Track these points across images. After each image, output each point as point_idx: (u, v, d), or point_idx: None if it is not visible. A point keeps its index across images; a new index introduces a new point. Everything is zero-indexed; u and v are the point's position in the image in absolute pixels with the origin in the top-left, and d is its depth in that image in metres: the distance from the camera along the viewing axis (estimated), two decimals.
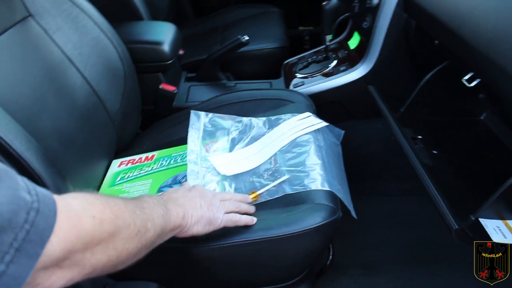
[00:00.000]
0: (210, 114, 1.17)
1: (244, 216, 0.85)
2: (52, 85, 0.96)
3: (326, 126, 1.12)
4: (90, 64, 1.08)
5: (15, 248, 0.40)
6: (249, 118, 1.15)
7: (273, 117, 1.14)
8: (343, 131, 1.18)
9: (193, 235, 0.76)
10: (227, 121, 1.15)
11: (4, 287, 0.39)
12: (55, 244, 0.44)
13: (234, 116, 1.17)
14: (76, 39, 1.06)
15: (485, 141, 1.20)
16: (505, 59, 0.80)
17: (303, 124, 1.09)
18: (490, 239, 0.89)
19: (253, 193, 0.93)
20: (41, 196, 0.44)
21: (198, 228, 0.76)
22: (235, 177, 0.99)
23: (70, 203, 0.49)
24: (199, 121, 1.14)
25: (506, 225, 0.93)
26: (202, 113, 1.16)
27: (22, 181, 0.44)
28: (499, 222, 0.93)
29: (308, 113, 1.14)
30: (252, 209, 0.89)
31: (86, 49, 1.08)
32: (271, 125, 1.12)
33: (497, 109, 1.24)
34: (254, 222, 0.86)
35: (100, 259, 0.51)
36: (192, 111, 1.17)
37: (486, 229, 0.89)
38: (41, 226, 0.42)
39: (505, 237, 0.89)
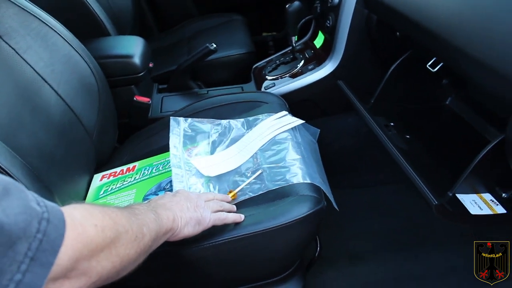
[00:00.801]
0: (189, 119, 1.18)
1: (231, 213, 0.87)
2: (27, 104, 0.96)
3: (302, 125, 1.15)
4: (64, 81, 1.08)
5: (30, 258, 0.41)
6: (227, 120, 1.17)
7: (251, 118, 1.17)
8: (319, 130, 1.22)
9: (184, 237, 0.77)
10: (206, 125, 1.17)
11: None
12: (63, 253, 0.45)
13: (213, 119, 1.19)
14: (47, 57, 1.06)
15: (453, 123, 1.26)
16: (462, 40, 0.85)
17: (280, 123, 1.12)
18: (468, 212, 0.93)
19: (231, 192, 0.95)
20: (50, 207, 0.46)
21: (188, 229, 0.77)
22: (219, 177, 1.01)
23: (72, 213, 0.49)
24: (179, 127, 1.16)
25: (481, 198, 0.97)
26: (181, 119, 1.18)
27: (30, 193, 0.45)
28: (474, 196, 0.97)
29: (284, 112, 1.16)
30: (234, 207, 0.91)
31: (58, 66, 1.08)
32: (250, 126, 1.14)
33: (460, 93, 1.30)
34: (242, 219, 0.87)
35: (105, 266, 0.52)
36: (171, 117, 1.18)
37: (464, 203, 0.94)
38: (52, 236, 0.44)
39: (481, 209, 0.93)
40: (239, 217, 0.87)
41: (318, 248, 1.17)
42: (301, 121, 1.14)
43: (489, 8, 0.80)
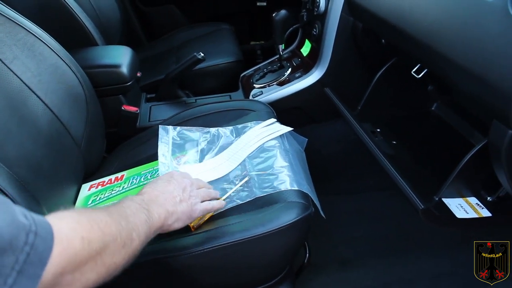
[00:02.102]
0: (178, 128, 1.19)
1: (215, 201, 0.90)
2: (14, 114, 0.96)
3: (290, 133, 1.16)
4: (51, 91, 1.07)
5: (17, 271, 0.41)
6: (216, 128, 1.18)
7: (239, 126, 1.17)
8: (306, 139, 1.23)
9: (175, 229, 0.79)
10: (195, 133, 1.18)
11: None
12: (47, 270, 0.44)
13: (201, 127, 1.19)
14: (34, 67, 1.05)
15: (439, 128, 1.28)
16: (443, 47, 0.87)
17: (269, 130, 1.13)
18: (455, 216, 0.94)
19: (218, 199, 0.95)
20: (37, 219, 0.45)
21: (178, 224, 0.79)
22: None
23: (58, 225, 0.48)
24: (167, 135, 1.16)
25: (467, 202, 0.98)
26: (170, 127, 1.18)
27: (17, 207, 0.45)
28: (460, 200, 0.99)
29: (272, 119, 1.17)
30: (218, 193, 0.94)
31: (45, 76, 1.07)
32: (238, 133, 1.15)
33: (445, 99, 1.32)
34: (223, 205, 0.92)
35: (89, 278, 0.52)
36: (160, 126, 1.19)
37: (450, 207, 0.95)
38: (40, 248, 0.43)
39: (467, 212, 0.95)
40: (221, 204, 0.91)
41: (307, 255, 1.17)
42: (289, 129, 1.14)
43: (467, 15, 0.81)
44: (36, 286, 0.42)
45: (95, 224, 0.54)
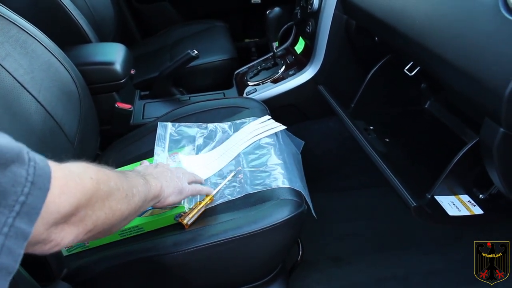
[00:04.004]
0: (177, 124, 1.20)
1: (205, 187, 0.95)
2: (7, 111, 0.95)
3: (287, 135, 1.17)
4: (44, 88, 1.07)
5: (30, 182, 0.43)
6: (214, 124, 1.19)
7: (238, 121, 1.18)
8: (303, 142, 1.23)
9: (168, 205, 0.83)
10: (193, 129, 1.19)
11: (25, 215, 0.42)
12: (64, 201, 0.49)
13: (199, 123, 1.20)
14: (27, 64, 1.05)
15: (432, 126, 1.28)
16: (435, 44, 0.87)
17: (264, 127, 1.13)
18: (447, 214, 0.94)
19: (207, 196, 0.95)
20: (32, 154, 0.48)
21: (172, 198, 0.82)
22: None
23: (69, 167, 0.53)
24: (165, 132, 1.17)
25: (459, 199, 0.99)
26: (169, 124, 1.19)
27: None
28: (452, 198, 0.99)
29: (267, 116, 1.18)
30: (203, 180, 0.99)
31: (38, 73, 1.07)
32: (236, 129, 1.16)
33: (438, 97, 1.32)
34: (212, 192, 0.96)
35: (99, 216, 0.56)
36: (159, 122, 1.20)
37: (442, 205, 0.95)
38: (41, 164, 0.46)
39: (459, 210, 0.95)
40: (210, 190, 0.96)
41: (300, 252, 1.17)
42: (284, 127, 1.15)
43: (459, 13, 0.82)
44: (45, 196, 0.45)
45: (101, 171, 0.59)
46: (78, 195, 0.51)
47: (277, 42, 1.64)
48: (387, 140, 1.19)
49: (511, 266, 1.18)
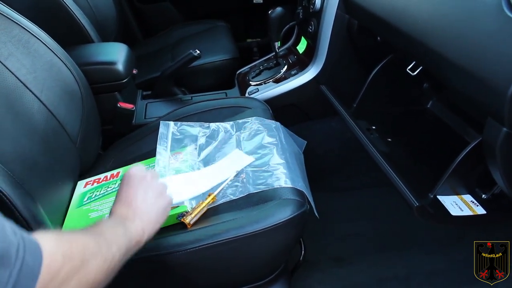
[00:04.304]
0: (179, 123, 1.20)
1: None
2: (9, 111, 0.95)
3: (289, 135, 1.17)
4: (46, 88, 1.07)
5: (12, 284, 0.42)
6: (217, 123, 1.19)
7: (240, 121, 1.19)
8: (306, 142, 1.23)
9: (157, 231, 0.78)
10: (195, 128, 1.19)
11: None
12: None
13: (202, 123, 1.20)
14: (29, 64, 1.05)
15: (434, 126, 1.28)
16: (437, 44, 0.87)
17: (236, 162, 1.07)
18: (450, 214, 0.94)
19: (210, 195, 0.95)
20: (24, 236, 0.47)
21: (157, 226, 0.78)
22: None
23: (40, 241, 0.49)
24: (167, 131, 1.17)
25: (461, 199, 0.99)
26: (171, 123, 1.19)
27: (6, 222, 0.46)
28: (455, 198, 0.99)
29: (237, 151, 1.11)
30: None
31: (40, 73, 1.07)
32: (239, 128, 1.17)
33: (441, 97, 1.32)
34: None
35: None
36: (161, 121, 1.20)
37: (444, 205, 0.95)
38: (30, 263, 0.45)
39: (461, 210, 0.95)
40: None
41: (303, 252, 1.17)
42: (252, 159, 1.06)
43: (461, 13, 0.82)
44: None
45: (74, 242, 0.56)
46: (47, 279, 0.48)
47: (279, 42, 1.64)
48: (389, 140, 1.19)
49: (511, 266, 1.18)
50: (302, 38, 1.67)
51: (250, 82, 1.64)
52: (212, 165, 1.07)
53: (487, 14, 0.75)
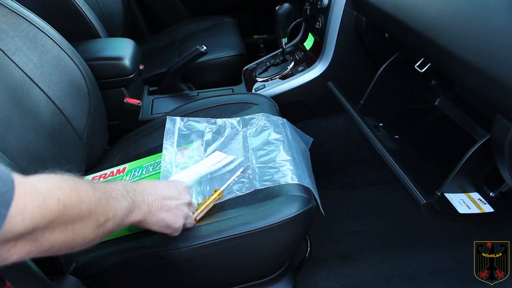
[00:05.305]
0: (185, 119, 1.20)
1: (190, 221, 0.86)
2: (16, 105, 0.96)
3: (296, 132, 1.16)
4: (53, 82, 1.08)
5: None
6: (223, 119, 1.18)
7: (246, 117, 1.19)
8: (312, 139, 1.23)
9: (149, 229, 0.77)
10: (202, 124, 1.19)
11: None
12: (20, 221, 0.46)
13: (209, 118, 1.20)
14: (37, 58, 1.06)
15: (442, 123, 1.27)
16: (447, 40, 0.86)
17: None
18: (457, 212, 0.93)
19: (216, 191, 0.95)
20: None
21: (154, 227, 0.77)
22: (211, 175, 1.01)
23: (35, 184, 0.50)
24: (174, 126, 1.17)
25: (469, 197, 0.98)
26: (178, 118, 1.19)
27: None
28: (462, 195, 0.98)
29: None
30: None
31: (47, 68, 1.07)
32: (246, 124, 1.16)
33: (449, 94, 1.31)
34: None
35: (57, 238, 0.54)
36: (168, 117, 1.19)
37: (452, 203, 0.94)
38: (2, 189, 0.44)
39: (469, 208, 0.94)
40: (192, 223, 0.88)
41: (309, 249, 1.17)
42: (233, 157, 1.07)
43: (471, 8, 0.81)
44: (1, 225, 0.44)
45: (75, 191, 0.55)
46: (37, 218, 0.49)
47: (286, 38, 1.63)
48: (397, 137, 1.18)
49: (511, 266, 1.17)
50: (309, 34, 1.66)
51: (257, 78, 1.64)
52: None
53: (498, 10, 0.74)
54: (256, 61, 1.79)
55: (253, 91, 1.58)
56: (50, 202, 0.50)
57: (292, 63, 1.61)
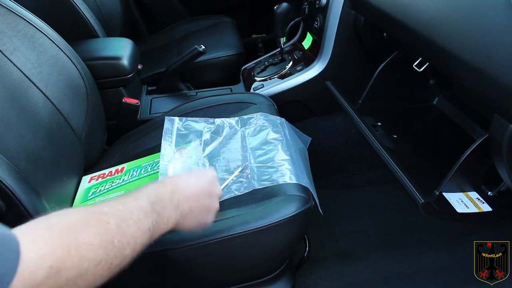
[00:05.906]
0: (184, 119, 1.20)
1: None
2: (14, 105, 0.95)
3: (294, 131, 1.17)
4: (51, 82, 1.07)
5: None
6: (222, 119, 1.18)
7: (245, 116, 1.19)
8: (310, 138, 1.23)
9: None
10: (200, 124, 1.19)
11: None
12: None
13: (207, 118, 1.20)
14: (35, 58, 1.05)
15: (440, 123, 1.27)
16: (445, 40, 0.86)
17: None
18: (455, 211, 0.93)
19: None
20: (6, 233, 0.43)
21: (185, 229, 0.72)
22: None
23: (27, 249, 0.44)
24: (172, 126, 1.17)
25: (467, 196, 0.98)
26: (176, 118, 1.19)
27: None
28: (460, 195, 0.98)
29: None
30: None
31: (45, 68, 1.07)
32: (244, 124, 1.16)
33: (447, 94, 1.31)
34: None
35: None
36: (166, 117, 1.19)
37: (450, 202, 0.95)
38: (1, 270, 0.40)
39: (467, 207, 0.94)
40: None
41: (307, 248, 1.17)
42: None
43: (469, 8, 0.81)
44: None
45: (74, 248, 0.48)
46: None
47: (284, 38, 1.64)
48: (395, 136, 1.18)
49: (511, 266, 1.17)
50: (308, 34, 1.66)
51: (255, 78, 1.64)
52: None
53: (496, 9, 0.74)
54: (255, 60, 1.79)
55: (251, 90, 1.58)
56: (38, 273, 0.44)
57: (291, 63, 1.61)
